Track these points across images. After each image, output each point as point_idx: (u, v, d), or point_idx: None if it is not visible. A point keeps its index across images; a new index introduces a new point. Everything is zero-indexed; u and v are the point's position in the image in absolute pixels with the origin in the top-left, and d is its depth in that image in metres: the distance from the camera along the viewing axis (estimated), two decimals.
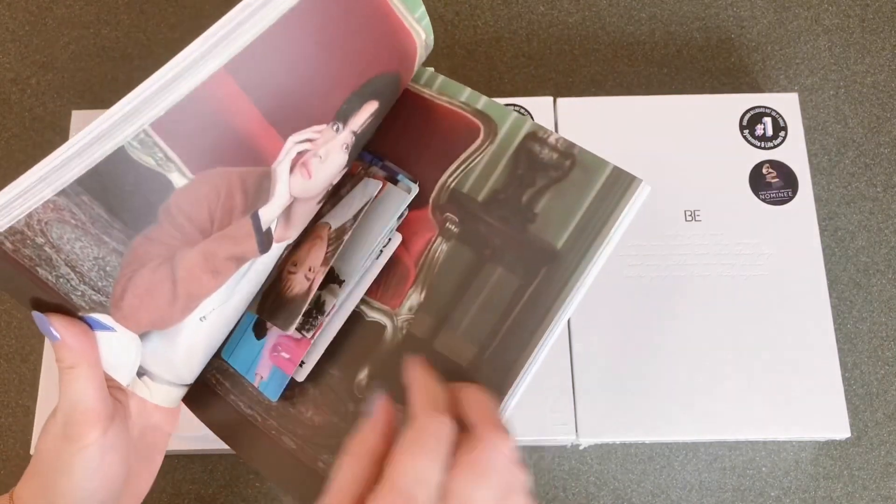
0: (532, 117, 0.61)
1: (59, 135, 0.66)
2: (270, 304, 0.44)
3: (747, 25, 0.70)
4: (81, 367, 0.38)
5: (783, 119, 0.60)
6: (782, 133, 0.60)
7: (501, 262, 0.42)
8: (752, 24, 0.70)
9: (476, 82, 0.68)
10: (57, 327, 0.37)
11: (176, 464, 0.57)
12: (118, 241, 0.38)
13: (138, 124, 0.36)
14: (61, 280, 0.37)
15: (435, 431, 0.32)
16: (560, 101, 0.61)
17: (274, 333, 0.44)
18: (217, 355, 0.46)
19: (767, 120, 0.60)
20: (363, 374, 0.42)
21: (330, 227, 0.44)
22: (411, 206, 0.45)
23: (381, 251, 0.44)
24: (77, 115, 0.62)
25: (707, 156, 0.60)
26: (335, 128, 0.43)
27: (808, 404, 0.54)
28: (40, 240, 0.36)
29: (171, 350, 0.42)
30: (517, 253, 0.42)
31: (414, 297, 0.43)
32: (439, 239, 0.44)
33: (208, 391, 0.46)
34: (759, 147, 0.60)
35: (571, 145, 0.44)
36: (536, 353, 0.40)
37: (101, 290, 0.38)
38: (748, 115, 0.61)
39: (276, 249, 0.43)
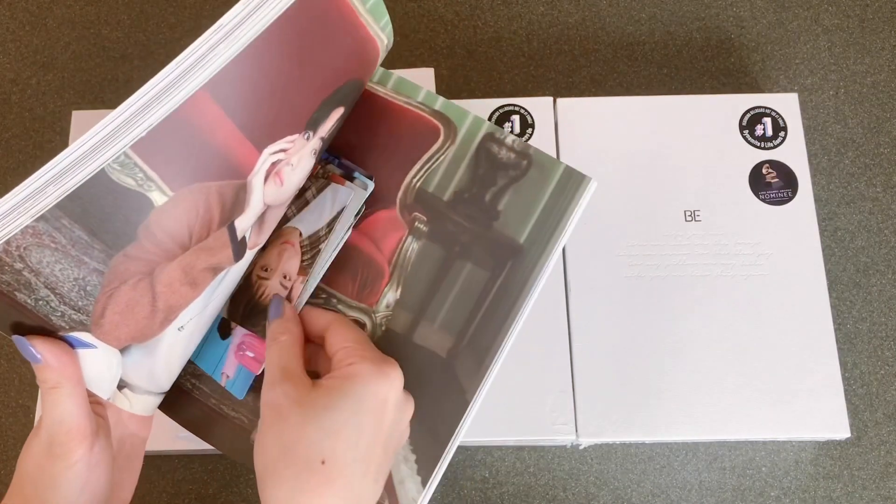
0: (532, 117, 0.61)
1: (60, 135, 0.66)
2: (245, 310, 0.45)
3: (747, 25, 0.70)
4: (65, 387, 0.38)
5: (783, 119, 0.60)
6: (782, 133, 0.60)
7: (470, 257, 0.45)
8: (752, 24, 0.70)
9: (476, 82, 0.68)
10: (38, 349, 0.37)
11: (176, 464, 0.58)
12: (98, 261, 0.38)
13: (118, 147, 0.36)
14: (41, 303, 0.37)
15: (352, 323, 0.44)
16: (560, 101, 0.61)
17: (238, 333, 0.45)
18: None
19: (767, 120, 0.60)
20: None
21: (301, 234, 0.45)
22: (380, 206, 0.46)
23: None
24: (77, 115, 0.62)
25: (707, 156, 0.60)
26: (306, 136, 0.44)
27: (808, 404, 0.54)
28: (19, 265, 0.36)
29: (150, 361, 0.43)
30: (484, 249, 0.45)
31: (390, 295, 0.45)
32: (410, 238, 0.46)
33: (186, 396, 0.46)
34: (759, 147, 0.60)
35: (527, 146, 0.46)
36: (508, 338, 0.43)
37: (81, 309, 0.38)
38: (748, 116, 0.61)
39: (249, 256, 0.44)
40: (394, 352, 0.43)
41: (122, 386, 0.42)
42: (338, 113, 0.46)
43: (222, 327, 0.45)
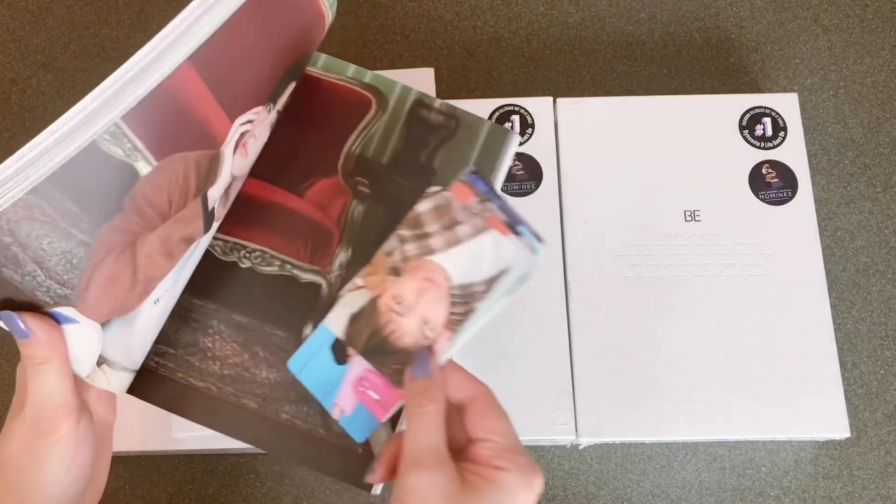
0: (532, 117, 0.61)
1: None
2: (369, 341, 0.42)
3: (747, 25, 0.70)
4: (53, 362, 0.38)
5: (783, 119, 0.60)
6: (782, 133, 0.60)
7: None
8: (752, 24, 0.70)
9: (476, 82, 0.68)
10: (28, 324, 0.38)
11: (176, 464, 0.58)
12: (86, 233, 0.38)
13: (110, 117, 0.36)
14: (27, 278, 0.37)
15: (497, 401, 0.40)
16: (560, 101, 0.61)
17: (358, 363, 0.42)
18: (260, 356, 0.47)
19: (767, 120, 0.60)
20: (308, 330, 0.47)
21: (449, 278, 0.40)
22: (323, 175, 0.49)
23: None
24: None
25: (707, 156, 0.60)
26: (268, 108, 0.46)
27: (808, 404, 0.54)
28: (7, 239, 0.36)
29: (128, 335, 0.43)
30: None
31: (342, 256, 0.48)
32: (355, 201, 0.49)
33: (154, 376, 0.47)
34: (759, 147, 0.60)
35: (453, 108, 0.51)
36: None
37: (66, 283, 0.38)
38: (748, 116, 0.61)
39: (214, 227, 0.46)
40: None
41: (100, 362, 0.42)
42: (291, 86, 0.48)
43: (338, 350, 0.43)
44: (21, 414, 0.39)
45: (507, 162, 0.50)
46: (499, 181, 0.49)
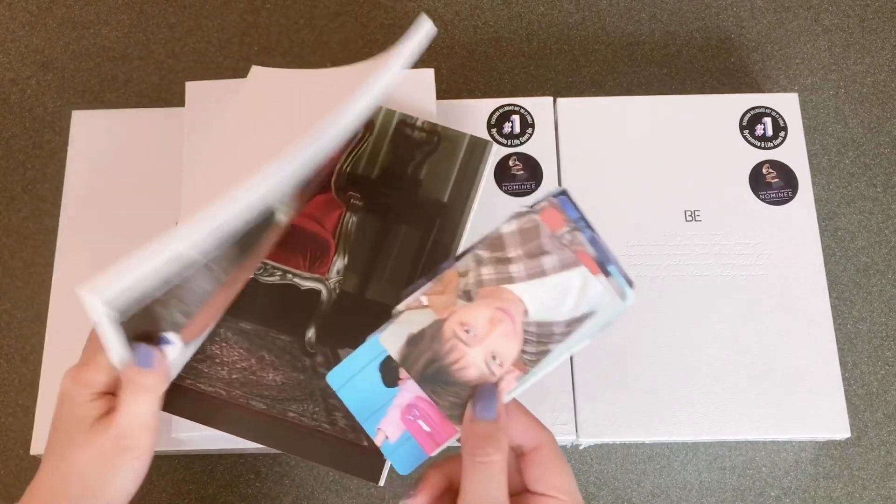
0: (532, 117, 0.61)
1: (59, 135, 0.66)
2: (427, 368, 0.38)
3: (747, 25, 0.70)
4: (158, 391, 0.41)
5: (783, 119, 0.60)
6: (782, 133, 0.60)
7: (404, 220, 0.52)
8: (752, 24, 0.70)
9: (476, 82, 0.68)
10: (152, 356, 0.40)
11: (176, 464, 0.57)
12: (224, 271, 0.41)
13: (289, 190, 0.40)
14: (164, 310, 0.39)
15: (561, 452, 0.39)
16: (560, 101, 0.61)
17: (410, 389, 0.39)
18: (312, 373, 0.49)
19: (767, 120, 0.60)
20: (311, 333, 0.49)
21: (526, 312, 0.37)
22: (318, 191, 0.52)
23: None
24: (77, 115, 0.62)
25: (707, 156, 0.60)
26: None
27: (808, 404, 0.54)
28: (176, 280, 0.38)
29: (189, 353, 0.46)
30: (415, 211, 0.52)
31: (339, 263, 0.50)
32: (348, 213, 0.52)
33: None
34: (759, 147, 0.60)
35: (434, 125, 0.54)
36: None
37: (188, 314, 0.41)
38: (748, 116, 0.61)
39: None
40: (350, 309, 0.49)
41: None
42: None
43: (387, 372, 0.39)
44: (103, 430, 0.40)
45: (488, 168, 0.53)
46: (482, 187, 0.53)
